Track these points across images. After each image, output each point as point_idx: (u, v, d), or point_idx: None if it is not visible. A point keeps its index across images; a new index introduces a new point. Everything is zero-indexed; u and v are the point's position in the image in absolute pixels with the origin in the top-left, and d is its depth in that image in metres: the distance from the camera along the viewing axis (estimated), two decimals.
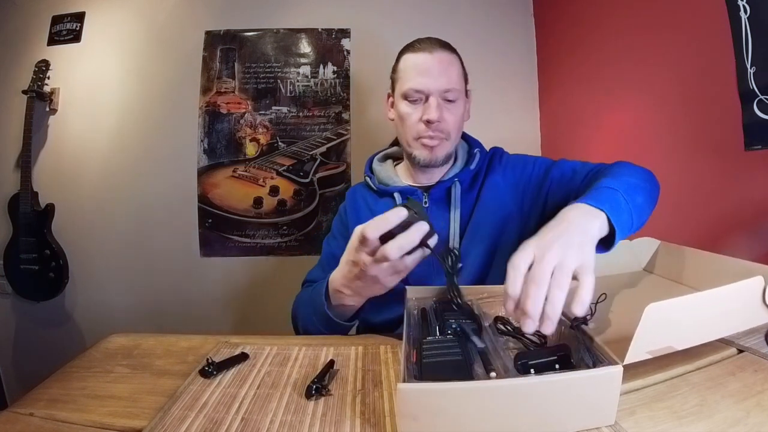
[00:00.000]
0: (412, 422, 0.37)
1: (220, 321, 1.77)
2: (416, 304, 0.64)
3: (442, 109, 0.82)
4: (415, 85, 0.82)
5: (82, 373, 0.58)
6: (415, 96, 0.83)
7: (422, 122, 0.82)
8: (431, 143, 0.84)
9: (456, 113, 0.84)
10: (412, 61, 0.84)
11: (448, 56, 0.84)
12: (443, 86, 0.82)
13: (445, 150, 0.86)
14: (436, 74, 0.82)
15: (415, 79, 0.82)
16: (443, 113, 0.82)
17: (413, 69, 0.83)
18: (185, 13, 1.78)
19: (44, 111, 1.73)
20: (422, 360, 0.43)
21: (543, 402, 0.37)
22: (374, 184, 0.92)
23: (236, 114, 1.77)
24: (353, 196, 0.98)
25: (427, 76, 0.82)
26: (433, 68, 0.82)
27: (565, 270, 0.44)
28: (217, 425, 0.44)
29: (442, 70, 0.82)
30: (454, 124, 0.85)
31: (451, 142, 0.86)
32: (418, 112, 0.83)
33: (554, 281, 0.44)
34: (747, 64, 0.82)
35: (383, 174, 0.93)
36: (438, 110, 0.81)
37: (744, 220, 0.87)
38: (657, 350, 0.41)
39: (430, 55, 0.82)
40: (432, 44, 0.84)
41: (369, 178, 0.94)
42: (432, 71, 0.82)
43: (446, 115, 0.83)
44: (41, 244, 1.66)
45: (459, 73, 0.86)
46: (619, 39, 1.27)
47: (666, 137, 1.10)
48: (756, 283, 0.45)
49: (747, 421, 0.37)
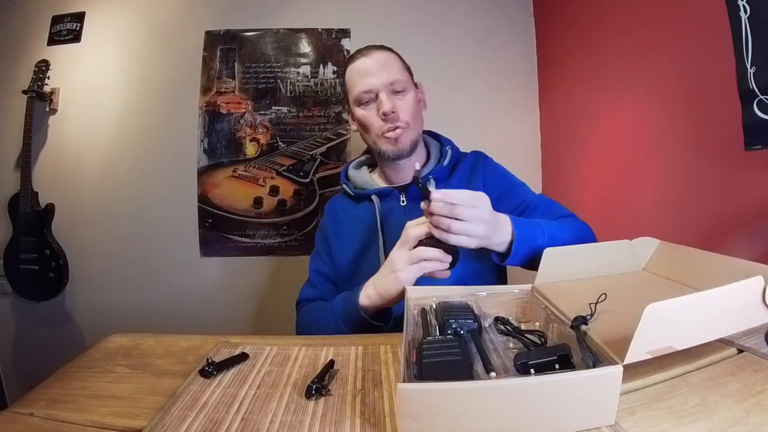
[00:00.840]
0: (412, 422, 0.38)
1: (220, 321, 1.77)
2: (416, 303, 0.64)
3: (394, 101, 0.87)
4: (362, 87, 0.88)
5: (82, 373, 0.58)
6: (365, 98, 0.88)
7: (379, 118, 0.87)
8: (394, 135, 0.88)
9: (408, 102, 0.89)
10: (354, 69, 0.90)
11: (384, 54, 0.90)
12: (386, 80, 0.87)
13: (409, 138, 0.89)
14: (377, 71, 0.87)
15: (361, 82, 0.88)
16: (395, 104, 0.87)
17: (357, 75, 0.89)
18: (185, 13, 1.77)
19: (44, 111, 1.73)
20: (422, 360, 0.43)
21: (543, 402, 0.37)
22: (351, 190, 0.95)
23: (236, 114, 1.76)
24: (331, 208, 1.01)
25: (370, 75, 0.87)
26: (373, 67, 0.87)
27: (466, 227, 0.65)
28: (217, 425, 0.44)
29: (381, 66, 0.88)
30: (408, 112, 0.89)
31: (413, 130, 0.90)
32: (373, 110, 0.88)
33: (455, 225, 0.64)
34: (747, 64, 0.81)
35: (359, 179, 0.97)
36: (389, 102, 0.86)
37: (744, 220, 0.87)
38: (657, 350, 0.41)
39: (367, 58, 0.89)
40: (368, 49, 0.90)
41: (345, 185, 0.97)
42: (373, 70, 0.87)
43: (399, 104, 0.88)
44: (41, 244, 1.66)
45: (399, 66, 0.91)
46: (618, 39, 1.27)
47: (666, 137, 1.10)
48: (756, 283, 0.45)
49: (747, 421, 0.37)
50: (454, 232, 0.64)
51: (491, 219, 0.67)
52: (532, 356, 0.43)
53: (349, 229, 0.93)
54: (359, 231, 0.91)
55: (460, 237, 0.64)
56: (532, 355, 0.44)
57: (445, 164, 0.92)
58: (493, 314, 0.60)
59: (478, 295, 0.64)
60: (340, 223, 0.96)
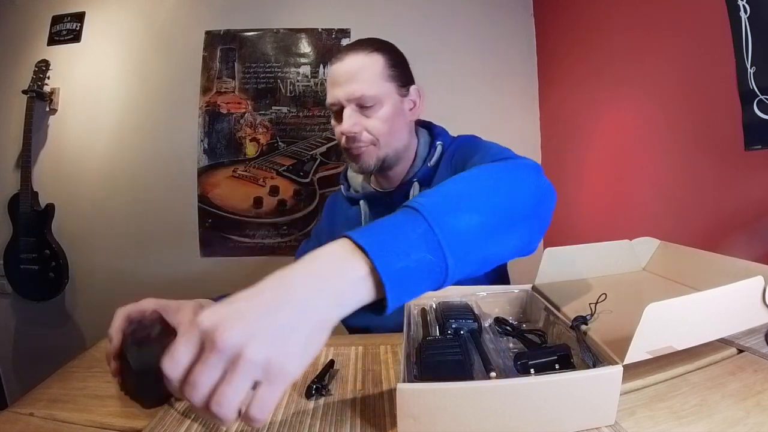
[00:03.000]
0: (412, 422, 0.38)
1: None
2: (416, 303, 0.63)
3: (357, 118, 0.77)
4: (329, 97, 0.79)
5: (82, 373, 0.58)
6: (333, 108, 0.79)
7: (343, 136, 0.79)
8: (355, 152, 0.80)
9: (380, 118, 0.78)
10: (328, 72, 0.81)
11: (361, 59, 0.77)
12: (352, 93, 0.76)
13: (375, 155, 0.80)
14: (343, 82, 0.76)
15: (330, 91, 0.79)
16: (359, 121, 0.77)
17: (329, 81, 0.80)
18: (185, 13, 1.78)
19: (44, 111, 1.74)
20: (422, 360, 0.43)
21: (543, 402, 0.37)
22: (345, 192, 0.92)
23: (236, 114, 1.77)
24: (332, 202, 0.99)
25: (336, 86, 0.77)
26: (341, 77, 0.77)
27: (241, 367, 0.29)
28: (217, 425, 0.44)
29: (350, 76, 0.76)
30: (378, 129, 0.78)
31: (383, 147, 0.80)
32: (339, 124, 0.79)
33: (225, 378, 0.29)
34: (747, 64, 0.81)
35: (354, 182, 0.93)
36: (351, 120, 0.76)
37: (744, 220, 0.87)
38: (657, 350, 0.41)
39: (339, 63, 0.77)
40: (347, 49, 0.79)
41: (342, 187, 0.93)
42: (341, 79, 0.77)
43: (366, 122, 0.77)
44: (41, 244, 1.66)
45: (375, 75, 0.77)
46: (618, 39, 1.27)
47: (666, 137, 1.10)
48: (756, 283, 0.45)
49: (747, 421, 0.37)
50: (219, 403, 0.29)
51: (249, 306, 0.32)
52: (532, 356, 0.43)
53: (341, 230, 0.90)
54: None
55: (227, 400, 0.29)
56: (532, 355, 0.44)
57: (431, 164, 0.83)
58: (494, 314, 0.60)
59: (478, 295, 0.63)
60: (335, 222, 0.95)
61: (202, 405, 0.29)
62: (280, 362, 0.30)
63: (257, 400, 0.30)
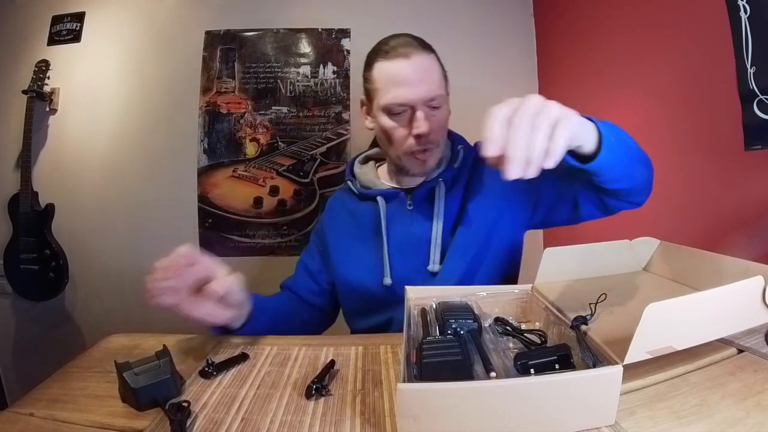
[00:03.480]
0: (412, 422, 0.37)
1: None
2: (416, 304, 0.63)
3: (429, 119, 0.76)
4: (397, 99, 0.75)
5: (82, 373, 0.58)
6: (398, 109, 0.76)
7: (411, 137, 0.76)
8: (423, 157, 0.79)
9: (442, 118, 0.79)
10: (387, 71, 0.76)
11: (427, 59, 0.76)
12: (426, 94, 0.75)
13: (436, 157, 0.82)
14: (417, 83, 0.74)
15: (395, 91, 0.75)
16: (431, 123, 0.76)
17: (391, 80, 0.75)
18: (185, 13, 1.78)
19: (44, 111, 1.74)
20: (422, 360, 0.43)
21: (543, 402, 0.37)
22: (356, 188, 0.89)
23: (236, 114, 1.77)
24: (332, 205, 0.96)
25: (407, 86, 0.74)
26: (413, 77, 0.74)
27: (545, 114, 0.44)
28: (217, 425, 0.44)
29: (422, 77, 0.74)
30: (440, 131, 0.80)
31: (440, 148, 0.83)
32: (404, 125, 0.77)
33: (534, 125, 0.43)
34: (747, 64, 0.82)
35: (365, 177, 0.90)
36: (426, 123, 0.75)
37: (744, 220, 0.87)
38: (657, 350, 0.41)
39: (407, 61, 0.74)
40: (407, 47, 0.75)
41: (350, 182, 0.91)
42: (412, 80, 0.74)
43: (434, 125, 0.77)
44: (41, 244, 1.66)
45: (440, 74, 0.79)
46: (618, 39, 1.27)
47: (666, 137, 1.10)
48: (756, 283, 0.45)
49: (747, 421, 0.37)
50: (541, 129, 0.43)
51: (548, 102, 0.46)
52: (532, 356, 0.43)
53: (350, 229, 0.88)
54: (360, 232, 0.87)
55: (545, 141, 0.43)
56: (532, 355, 0.44)
57: (456, 166, 0.85)
58: (494, 314, 0.60)
59: (478, 295, 0.63)
60: (340, 223, 0.91)
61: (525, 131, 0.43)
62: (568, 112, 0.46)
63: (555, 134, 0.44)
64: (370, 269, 0.83)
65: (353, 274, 0.86)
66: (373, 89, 0.79)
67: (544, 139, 0.43)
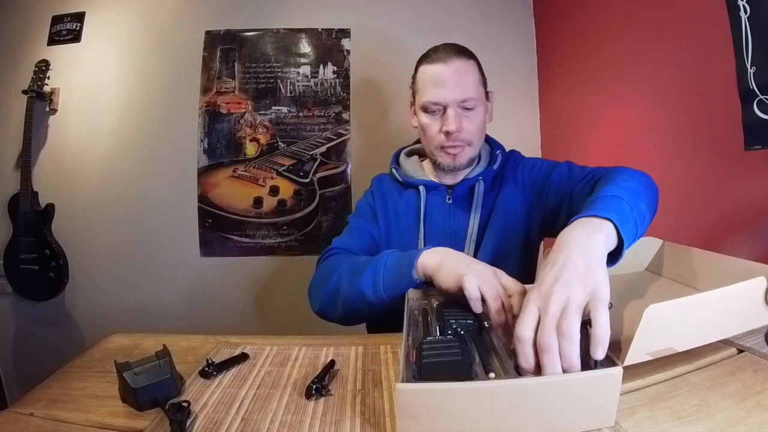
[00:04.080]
0: (411, 422, 0.37)
1: (220, 321, 1.77)
2: (417, 304, 0.64)
3: (461, 119, 0.83)
4: (432, 97, 0.83)
5: (82, 373, 0.58)
6: (433, 108, 0.84)
7: (442, 133, 0.84)
8: (453, 151, 0.86)
9: (475, 120, 0.86)
10: (428, 73, 0.85)
11: (463, 64, 0.84)
12: (459, 96, 0.82)
13: (468, 155, 0.88)
14: (451, 85, 0.82)
15: (432, 91, 0.83)
16: (462, 123, 0.83)
17: (429, 81, 0.84)
18: (185, 13, 1.78)
19: (44, 111, 1.73)
20: (422, 360, 0.43)
21: (543, 403, 0.37)
22: (400, 176, 0.94)
23: (236, 114, 1.77)
24: (380, 184, 0.99)
25: (443, 87, 0.82)
26: (449, 79, 0.82)
27: (571, 313, 0.40)
28: (217, 425, 0.44)
29: (457, 80, 0.82)
30: (474, 131, 0.86)
31: (474, 148, 0.88)
32: (438, 122, 0.85)
33: (561, 333, 0.40)
34: (747, 64, 0.81)
35: (409, 167, 0.95)
36: (456, 121, 0.82)
37: (744, 220, 0.87)
38: (657, 351, 0.41)
39: (445, 65, 0.83)
40: (447, 53, 0.84)
41: (395, 170, 0.96)
42: (447, 82, 0.82)
43: (465, 124, 0.84)
44: (41, 244, 1.66)
45: (476, 80, 0.86)
46: (618, 39, 1.27)
47: (666, 137, 1.10)
48: (757, 284, 0.45)
49: (747, 421, 0.37)
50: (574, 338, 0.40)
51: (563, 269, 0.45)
52: None
53: (392, 213, 0.93)
54: (400, 218, 0.91)
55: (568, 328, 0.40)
56: None
57: (495, 167, 0.90)
58: None
59: None
60: (387, 203, 0.94)
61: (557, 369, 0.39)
62: (596, 290, 0.42)
63: (595, 324, 0.40)
64: None
65: None
66: (416, 90, 0.89)
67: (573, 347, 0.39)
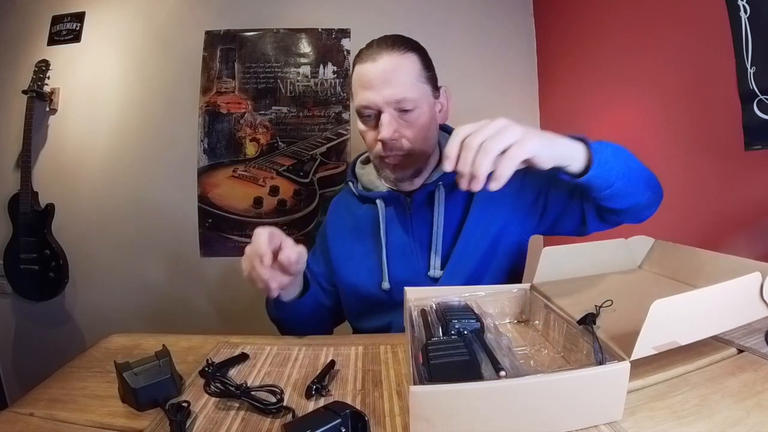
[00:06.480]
0: (425, 424, 0.37)
1: (220, 321, 1.78)
2: (416, 305, 0.63)
3: (397, 124, 0.73)
4: (361, 100, 0.73)
5: (82, 373, 0.58)
6: (365, 112, 0.74)
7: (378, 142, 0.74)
8: (393, 161, 0.76)
9: (417, 123, 0.74)
10: (357, 73, 0.74)
11: (396, 60, 0.72)
12: (391, 97, 0.71)
13: (412, 163, 0.78)
14: (380, 85, 0.71)
15: (361, 94, 0.73)
16: (400, 128, 0.73)
17: (358, 83, 0.74)
18: (185, 13, 1.78)
19: (44, 111, 1.74)
20: (430, 361, 0.42)
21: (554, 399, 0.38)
22: (356, 190, 0.87)
23: (236, 114, 1.77)
24: (335, 207, 0.94)
25: (372, 88, 0.71)
26: (377, 78, 0.71)
27: (499, 139, 0.50)
28: (217, 425, 0.44)
29: (386, 79, 0.71)
30: (414, 136, 0.75)
31: (419, 154, 0.78)
32: (373, 129, 0.75)
33: (486, 148, 0.50)
34: (747, 64, 0.82)
35: (366, 178, 0.88)
36: (391, 127, 0.72)
37: (744, 220, 0.87)
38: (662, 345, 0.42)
39: (372, 63, 0.71)
40: (378, 48, 0.73)
41: (351, 183, 0.89)
42: (375, 82, 0.71)
43: (404, 129, 0.74)
44: (41, 244, 1.66)
45: (413, 76, 0.74)
46: (618, 39, 1.27)
47: (666, 137, 1.10)
48: (754, 279, 0.45)
49: (747, 421, 0.37)
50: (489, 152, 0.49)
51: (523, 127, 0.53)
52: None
53: (351, 231, 0.88)
54: (361, 234, 0.86)
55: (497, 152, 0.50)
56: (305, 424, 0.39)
57: None
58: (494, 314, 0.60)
59: (477, 295, 0.63)
60: (342, 224, 0.90)
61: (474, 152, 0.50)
62: (528, 138, 0.52)
63: (506, 156, 0.50)
64: (369, 272, 0.83)
65: (353, 277, 0.85)
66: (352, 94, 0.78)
67: (489, 162, 0.49)
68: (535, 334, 0.59)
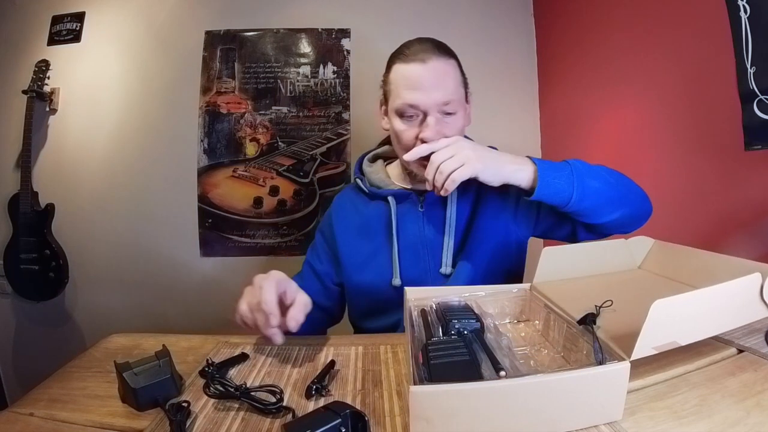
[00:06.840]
0: (425, 424, 0.37)
1: (220, 321, 1.77)
2: (415, 305, 0.63)
3: (441, 126, 0.75)
4: (409, 100, 0.74)
5: (82, 373, 0.58)
6: (410, 112, 0.75)
7: (419, 140, 0.75)
8: None
9: (455, 126, 0.77)
10: (402, 73, 0.75)
11: (443, 64, 0.75)
12: (440, 100, 0.73)
13: None
14: (430, 87, 0.73)
15: (408, 94, 0.74)
16: (442, 129, 0.75)
17: (405, 82, 0.75)
18: (185, 13, 1.78)
19: (44, 111, 1.73)
20: (430, 361, 0.42)
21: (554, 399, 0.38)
22: (366, 187, 0.87)
23: (236, 114, 1.77)
24: (340, 202, 0.93)
25: (421, 90, 0.73)
26: (428, 80, 0.73)
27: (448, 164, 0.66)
28: (217, 425, 0.44)
29: (437, 82, 0.74)
30: None
31: None
32: (414, 129, 0.76)
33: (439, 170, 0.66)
34: (747, 64, 0.82)
35: (374, 176, 0.88)
36: (435, 128, 0.74)
37: (744, 220, 0.87)
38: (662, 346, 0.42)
39: (422, 65, 0.73)
40: (425, 50, 0.75)
41: (360, 180, 0.89)
42: (426, 84, 0.73)
43: (445, 130, 0.75)
44: (41, 244, 1.66)
45: (457, 80, 0.78)
46: (619, 40, 1.27)
47: (666, 137, 1.10)
48: (754, 280, 0.45)
49: (747, 421, 0.37)
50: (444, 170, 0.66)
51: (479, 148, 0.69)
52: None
53: (359, 229, 0.87)
54: (370, 232, 0.85)
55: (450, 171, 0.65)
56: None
57: None
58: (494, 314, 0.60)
59: (477, 295, 0.63)
60: (350, 222, 0.88)
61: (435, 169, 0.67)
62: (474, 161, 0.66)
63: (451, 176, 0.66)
64: (379, 270, 0.83)
65: (362, 275, 0.85)
66: (389, 91, 0.79)
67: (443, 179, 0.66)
68: (535, 334, 0.59)
